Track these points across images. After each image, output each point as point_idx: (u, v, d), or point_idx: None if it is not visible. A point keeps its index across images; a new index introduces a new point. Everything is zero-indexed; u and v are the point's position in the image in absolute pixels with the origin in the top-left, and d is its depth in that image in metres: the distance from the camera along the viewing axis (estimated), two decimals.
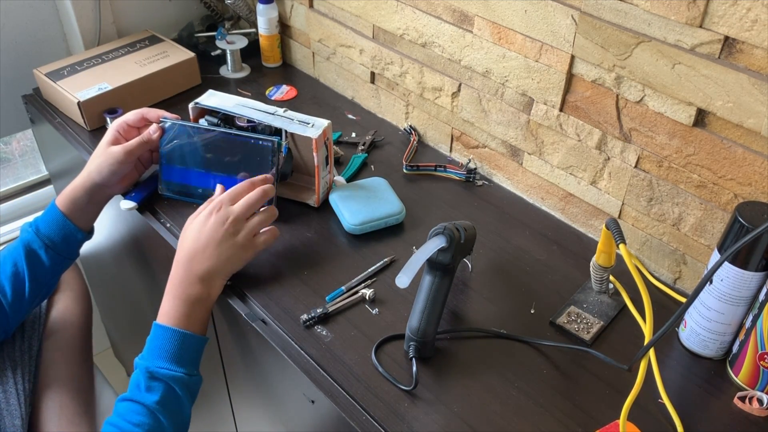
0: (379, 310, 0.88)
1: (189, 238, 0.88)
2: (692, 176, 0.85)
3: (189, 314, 0.85)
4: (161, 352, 0.83)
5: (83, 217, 0.99)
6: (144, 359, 0.83)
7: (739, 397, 0.78)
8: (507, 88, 1.01)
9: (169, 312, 0.85)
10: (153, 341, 0.84)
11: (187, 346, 0.84)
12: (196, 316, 0.86)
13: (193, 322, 0.85)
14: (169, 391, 0.82)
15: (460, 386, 0.79)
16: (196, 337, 0.85)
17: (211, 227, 0.87)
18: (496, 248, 0.98)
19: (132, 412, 0.80)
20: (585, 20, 0.86)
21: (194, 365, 0.85)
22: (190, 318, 0.85)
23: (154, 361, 0.82)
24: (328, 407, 0.78)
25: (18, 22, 1.29)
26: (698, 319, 0.81)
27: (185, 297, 0.85)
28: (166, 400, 0.81)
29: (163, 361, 0.82)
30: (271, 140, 0.95)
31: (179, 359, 0.83)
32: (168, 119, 1.00)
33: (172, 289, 0.86)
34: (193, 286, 0.86)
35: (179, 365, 0.83)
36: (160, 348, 0.83)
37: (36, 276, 0.97)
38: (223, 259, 0.87)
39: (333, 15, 1.25)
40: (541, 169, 1.03)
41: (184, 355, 0.83)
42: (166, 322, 0.84)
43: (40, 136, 1.37)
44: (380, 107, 1.26)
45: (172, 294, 0.86)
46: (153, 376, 0.81)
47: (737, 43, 0.74)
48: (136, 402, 0.80)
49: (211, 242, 0.86)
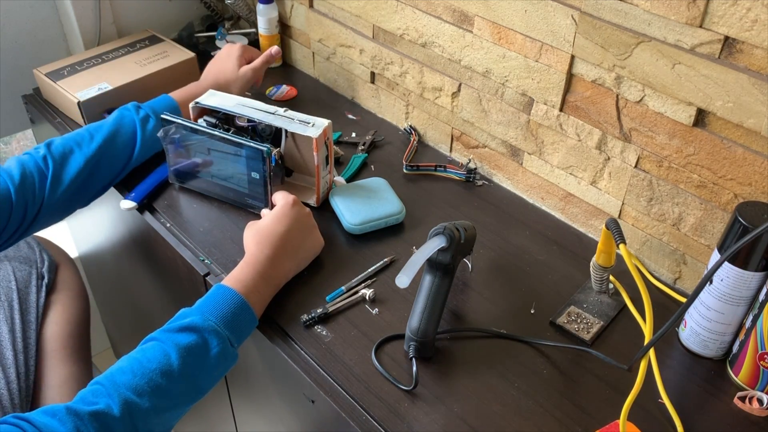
0: (379, 310, 0.88)
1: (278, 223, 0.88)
2: (692, 176, 0.85)
3: (259, 290, 0.82)
4: (215, 310, 0.78)
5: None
6: (194, 310, 0.78)
7: (739, 397, 0.78)
8: (507, 88, 1.01)
9: (241, 279, 0.82)
10: (210, 298, 0.79)
11: (243, 316, 0.79)
12: (263, 295, 0.83)
13: (258, 299, 0.82)
14: (203, 342, 0.75)
15: (460, 386, 0.79)
16: (253, 315, 0.81)
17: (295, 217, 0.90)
18: (496, 248, 0.98)
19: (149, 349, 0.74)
20: (585, 20, 0.86)
21: (239, 338, 0.79)
22: (258, 294, 0.82)
23: (202, 315, 0.77)
24: (328, 407, 0.78)
25: (18, 22, 1.29)
26: (698, 319, 0.81)
27: (263, 273, 0.84)
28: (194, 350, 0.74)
29: (213, 317, 0.77)
30: (260, 149, 0.95)
31: (228, 323, 0.78)
32: (168, 118, 0.99)
33: (254, 263, 0.84)
34: (276, 266, 0.86)
35: (226, 328, 0.77)
36: (215, 305, 0.78)
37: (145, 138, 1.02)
38: (303, 248, 0.91)
39: (333, 15, 1.25)
40: (541, 169, 1.03)
41: (235, 321, 0.78)
42: (235, 286, 0.80)
43: (40, 136, 1.37)
44: (380, 107, 1.26)
45: (252, 266, 0.84)
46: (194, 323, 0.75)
47: (737, 43, 0.74)
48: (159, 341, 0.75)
49: (295, 231, 0.89)
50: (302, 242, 0.90)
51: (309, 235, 0.92)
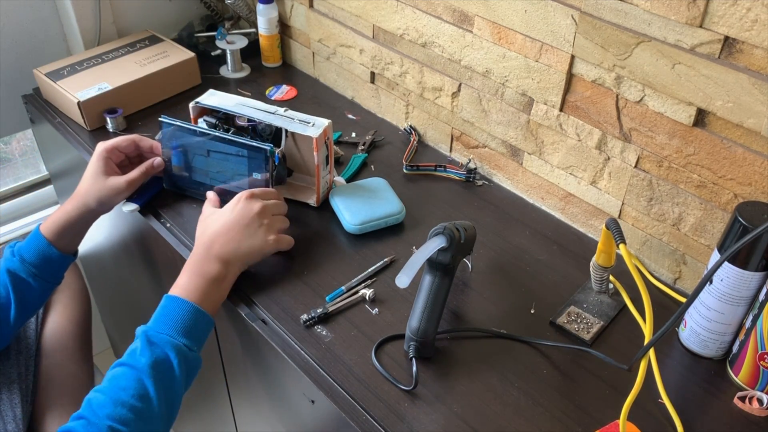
0: (379, 310, 0.88)
1: (214, 221, 0.88)
2: (692, 176, 0.85)
3: (204, 291, 0.83)
4: (166, 320, 0.80)
5: (70, 243, 0.99)
6: (146, 326, 0.80)
7: (739, 397, 0.78)
8: (507, 88, 1.01)
9: (183, 285, 0.83)
10: (160, 310, 0.81)
11: (195, 320, 0.81)
12: (210, 296, 0.84)
13: (207, 301, 0.83)
14: (164, 358, 0.77)
15: (460, 386, 0.79)
16: (206, 316, 0.82)
17: (239, 211, 0.88)
18: (496, 248, 0.98)
19: (120, 377, 0.76)
20: (585, 20, 0.86)
21: (198, 342, 0.82)
22: (205, 294, 0.83)
23: (155, 327, 0.79)
24: (328, 407, 0.78)
25: (18, 22, 1.29)
26: (698, 319, 0.81)
27: (202, 273, 0.84)
28: (158, 366, 0.77)
29: (165, 328, 0.79)
30: (263, 148, 0.95)
31: (183, 330, 0.80)
32: (167, 120, 0.99)
33: (191, 265, 0.85)
34: (212, 264, 0.85)
35: (182, 335, 0.79)
36: (166, 317, 0.80)
37: (24, 302, 0.96)
38: (246, 244, 0.87)
39: (333, 15, 1.25)
40: (541, 169, 1.03)
41: (189, 327, 0.80)
42: (178, 293, 0.82)
43: (40, 136, 1.37)
44: (380, 107, 1.26)
45: (190, 270, 0.85)
46: (150, 340, 0.78)
47: (737, 43, 0.74)
48: (126, 365, 0.77)
49: (236, 225, 0.87)
50: (242, 240, 0.87)
51: (253, 233, 0.88)
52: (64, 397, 1.04)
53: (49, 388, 1.04)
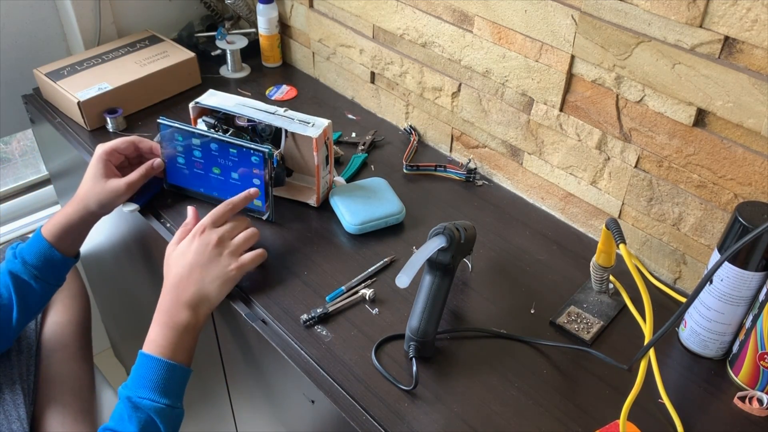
0: (379, 310, 0.88)
1: (174, 265, 0.87)
2: (692, 176, 0.85)
3: (176, 343, 0.83)
4: (145, 381, 0.81)
5: (72, 245, 0.98)
6: (127, 388, 0.81)
7: (739, 397, 0.78)
8: (507, 88, 1.01)
9: (156, 340, 0.83)
10: (138, 370, 0.82)
11: (171, 377, 0.82)
12: (183, 346, 0.84)
13: (180, 352, 0.83)
14: (150, 422, 0.79)
15: (460, 386, 0.79)
16: (182, 369, 0.83)
17: (195, 250, 0.86)
18: (496, 248, 0.98)
19: None
20: (585, 20, 0.86)
21: (178, 397, 0.83)
22: (178, 347, 0.83)
23: (137, 391, 0.80)
24: (328, 407, 0.78)
25: (18, 22, 1.29)
26: (698, 319, 0.81)
27: (173, 324, 0.83)
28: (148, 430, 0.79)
29: (146, 391, 0.80)
30: (262, 150, 0.95)
31: (163, 390, 0.81)
32: (165, 121, 0.99)
33: (160, 316, 0.84)
34: (181, 312, 0.84)
35: (162, 396, 0.80)
36: (144, 378, 0.81)
37: (26, 304, 0.96)
38: (209, 281, 0.85)
39: (333, 15, 1.25)
40: (541, 169, 1.03)
41: (168, 386, 0.81)
42: (153, 351, 0.82)
43: (40, 136, 1.37)
44: (380, 107, 1.26)
45: (160, 321, 0.84)
46: (135, 406, 0.79)
47: (737, 43, 0.74)
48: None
49: (196, 266, 0.85)
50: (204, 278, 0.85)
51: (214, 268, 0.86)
52: (65, 396, 1.04)
53: (50, 388, 1.04)
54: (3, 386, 1.00)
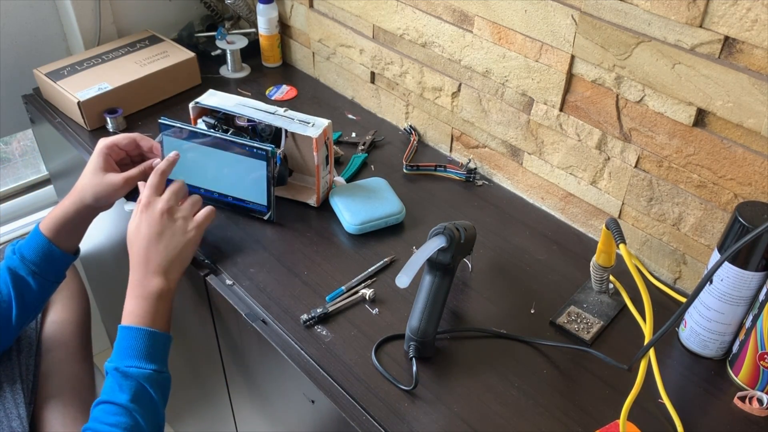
0: (379, 310, 0.88)
1: (134, 241, 0.88)
2: (692, 176, 0.85)
3: (153, 312, 0.85)
4: (130, 351, 0.82)
5: (70, 241, 0.98)
6: (113, 361, 0.82)
7: (739, 397, 0.78)
8: (507, 88, 1.01)
9: (133, 312, 0.85)
10: (120, 343, 0.83)
11: (153, 343, 0.83)
12: (160, 313, 0.85)
13: (158, 319, 0.85)
14: (141, 389, 0.81)
15: (460, 386, 0.79)
16: (162, 335, 0.85)
17: (147, 223, 0.88)
18: (496, 248, 0.98)
19: (107, 413, 0.79)
20: (585, 20, 0.86)
21: (163, 362, 0.85)
22: (155, 316, 0.85)
23: (122, 361, 0.82)
24: (328, 407, 0.78)
25: (18, 22, 1.29)
26: (698, 319, 0.81)
27: (146, 294, 0.85)
28: (140, 398, 0.80)
29: (131, 360, 0.82)
30: (265, 149, 0.95)
31: (147, 356, 0.82)
32: (166, 121, 0.99)
33: (132, 290, 0.86)
34: (152, 281, 0.86)
35: (148, 362, 0.82)
36: (127, 347, 0.82)
37: (24, 302, 0.96)
38: (172, 248, 0.88)
39: (333, 15, 1.25)
40: (541, 169, 1.03)
41: (151, 352, 0.83)
42: (131, 322, 0.84)
43: (40, 136, 1.37)
44: (380, 107, 1.26)
45: (133, 295, 0.86)
46: (124, 374, 0.81)
47: (737, 43, 0.74)
48: (110, 403, 0.80)
49: (153, 236, 0.87)
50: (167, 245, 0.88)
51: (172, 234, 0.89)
52: (65, 395, 1.04)
53: (50, 387, 1.04)
54: (4, 384, 1.00)
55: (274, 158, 0.95)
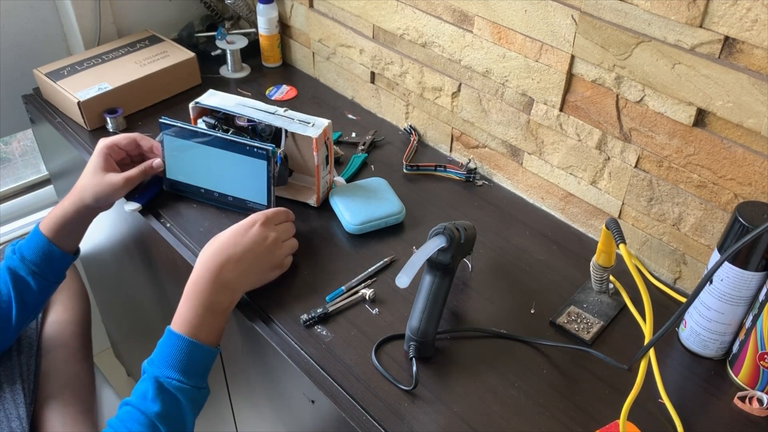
0: (379, 310, 0.88)
1: (224, 244, 0.84)
2: (692, 176, 0.85)
3: (208, 324, 0.81)
4: (172, 361, 0.79)
5: (70, 241, 0.98)
6: (153, 365, 0.79)
7: (739, 397, 0.78)
8: (507, 88, 1.01)
9: (187, 318, 0.80)
10: (165, 347, 0.80)
11: (199, 358, 0.80)
12: (214, 327, 0.82)
13: (210, 333, 0.81)
14: (175, 403, 0.78)
15: (460, 386, 0.79)
16: (210, 351, 0.82)
17: (252, 239, 0.85)
18: (496, 248, 0.98)
19: (132, 420, 0.77)
20: (585, 20, 0.86)
21: (204, 378, 0.82)
22: (209, 328, 0.81)
23: (163, 370, 0.78)
24: (328, 407, 0.78)
25: (18, 22, 1.29)
26: (698, 319, 0.81)
27: (208, 304, 0.81)
28: (170, 412, 0.78)
29: (173, 372, 0.78)
30: (265, 148, 0.95)
31: (190, 371, 0.79)
32: (167, 121, 0.99)
33: (195, 294, 0.81)
34: (219, 293, 0.82)
35: (189, 377, 0.79)
36: (171, 356, 0.79)
37: (24, 302, 0.96)
38: (254, 273, 0.86)
39: (333, 15, 1.25)
40: (541, 169, 1.03)
41: (195, 367, 0.80)
42: (183, 329, 0.80)
43: (40, 136, 1.37)
44: (380, 107, 1.26)
45: (194, 299, 0.81)
46: (161, 386, 0.78)
47: (737, 43, 0.74)
48: (138, 410, 0.77)
49: (249, 253, 0.84)
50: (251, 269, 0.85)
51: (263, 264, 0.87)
52: (66, 395, 1.04)
53: (51, 387, 1.04)
54: (4, 385, 1.00)
55: (274, 158, 0.95)
